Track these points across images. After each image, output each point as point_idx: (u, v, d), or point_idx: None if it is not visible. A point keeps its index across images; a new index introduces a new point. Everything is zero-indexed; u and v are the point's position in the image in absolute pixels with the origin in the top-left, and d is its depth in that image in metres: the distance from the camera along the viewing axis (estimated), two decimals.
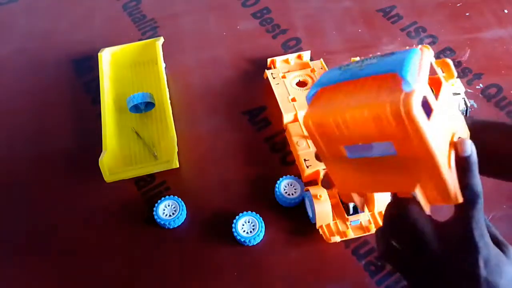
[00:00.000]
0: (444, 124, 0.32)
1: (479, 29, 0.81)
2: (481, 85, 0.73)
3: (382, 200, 0.57)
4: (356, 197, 0.37)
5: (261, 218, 0.59)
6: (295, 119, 0.67)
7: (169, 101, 0.70)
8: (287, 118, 0.67)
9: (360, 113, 0.30)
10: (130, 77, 0.78)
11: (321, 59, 0.74)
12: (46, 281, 0.58)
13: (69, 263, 0.59)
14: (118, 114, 0.73)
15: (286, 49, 0.81)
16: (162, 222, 0.60)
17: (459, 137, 0.33)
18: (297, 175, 0.63)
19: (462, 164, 0.32)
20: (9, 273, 0.59)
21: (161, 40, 0.78)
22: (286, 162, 0.66)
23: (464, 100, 0.66)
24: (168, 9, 0.89)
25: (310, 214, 0.59)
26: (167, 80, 0.74)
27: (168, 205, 0.61)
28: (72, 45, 0.84)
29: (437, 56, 0.78)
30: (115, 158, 0.67)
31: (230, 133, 0.70)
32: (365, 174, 0.35)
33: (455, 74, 0.36)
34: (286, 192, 0.61)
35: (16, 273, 0.59)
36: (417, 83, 0.29)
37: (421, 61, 0.31)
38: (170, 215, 0.60)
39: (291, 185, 0.61)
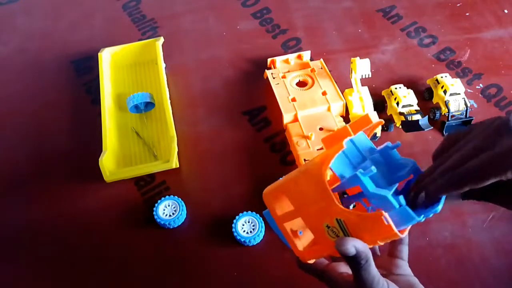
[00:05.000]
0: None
1: (479, 29, 0.81)
2: (481, 85, 0.73)
3: None
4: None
5: (261, 218, 0.59)
6: (295, 119, 0.67)
7: (169, 101, 0.70)
8: (287, 118, 0.67)
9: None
10: (130, 77, 0.78)
11: (321, 59, 0.74)
12: (45, 281, 0.58)
13: (68, 263, 0.59)
14: (118, 114, 0.73)
15: (286, 49, 0.81)
16: (162, 222, 0.60)
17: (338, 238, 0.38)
18: None
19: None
20: (8, 273, 0.59)
21: (161, 40, 0.78)
22: (286, 162, 0.66)
23: (464, 100, 0.66)
24: (168, 9, 0.89)
25: None
26: (167, 80, 0.74)
27: (168, 205, 0.61)
28: (72, 45, 0.84)
29: (437, 56, 0.78)
30: (115, 158, 0.67)
31: (230, 133, 0.70)
32: None
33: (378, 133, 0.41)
34: None
35: (15, 273, 0.59)
36: None
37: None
38: (170, 215, 0.60)
39: None
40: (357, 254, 0.36)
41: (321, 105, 0.68)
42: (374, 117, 0.66)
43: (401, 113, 0.66)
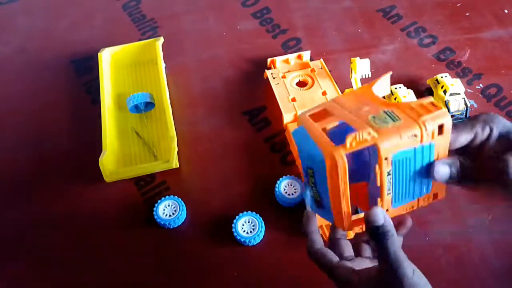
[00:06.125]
0: None
1: (479, 29, 0.81)
2: (481, 85, 0.73)
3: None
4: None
5: (261, 218, 0.59)
6: (295, 119, 0.67)
7: (169, 101, 0.70)
8: (287, 118, 0.67)
9: None
10: (130, 77, 0.78)
11: (321, 59, 0.74)
12: (45, 281, 0.58)
13: (68, 263, 0.59)
14: (118, 114, 0.73)
15: (286, 49, 0.81)
16: (162, 222, 0.60)
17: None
18: (297, 175, 0.63)
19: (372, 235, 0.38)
20: (8, 273, 0.59)
21: (161, 40, 0.78)
22: (286, 162, 0.66)
23: (464, 100, 0.66)
24: (168, 9, 0.89)
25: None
26: (167, 80, 0.74)
27: (168, 205, 0.61)
28: (72, 45, 0.84)
29: (437, 56, 0.78)
30: (115, 158, 0.67)
31: (230, 133, 0.70)
32: None
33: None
34: (286, 192, 0.61)
35: (15, 273, 0.59)
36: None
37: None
38: (170, 215, 0.60)
39: (291, 185, 0.61)
40: (384, 223, 0.37)
41: None
42: None
43: None
